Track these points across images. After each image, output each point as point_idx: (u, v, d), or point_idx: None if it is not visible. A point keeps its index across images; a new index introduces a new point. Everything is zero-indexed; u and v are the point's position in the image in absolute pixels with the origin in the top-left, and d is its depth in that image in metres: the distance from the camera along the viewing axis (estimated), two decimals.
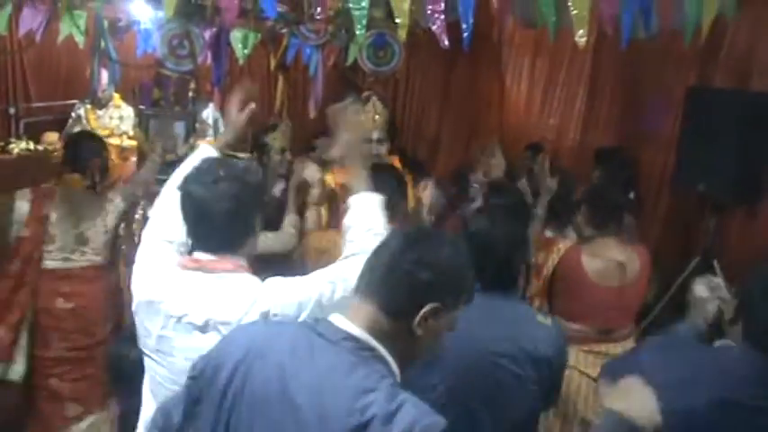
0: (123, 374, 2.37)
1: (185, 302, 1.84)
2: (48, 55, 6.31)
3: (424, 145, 7.13)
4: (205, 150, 2.24)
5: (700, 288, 3.06)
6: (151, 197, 4.67)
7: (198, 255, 1.90)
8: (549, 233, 3.58)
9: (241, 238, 1.92)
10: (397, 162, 3.84)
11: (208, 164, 1.95)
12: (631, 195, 4.50)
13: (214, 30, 4.64)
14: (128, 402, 2.36)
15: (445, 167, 6.53)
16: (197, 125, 5.29)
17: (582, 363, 3.17)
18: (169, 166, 4.84)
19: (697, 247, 4.71)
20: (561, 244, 3.25)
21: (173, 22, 4.05)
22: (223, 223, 1.86)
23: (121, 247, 3.82)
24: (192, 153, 2.25)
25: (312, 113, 5.49)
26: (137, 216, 4.61)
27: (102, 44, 5.22)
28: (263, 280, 1.88)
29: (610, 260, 3.18)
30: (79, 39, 4.32)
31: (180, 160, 2.34)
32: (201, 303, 1.82)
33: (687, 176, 4.61)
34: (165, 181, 2.24)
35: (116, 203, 3.51)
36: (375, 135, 3.67)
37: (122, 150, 5.60)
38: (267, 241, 2.97)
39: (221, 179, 1.85)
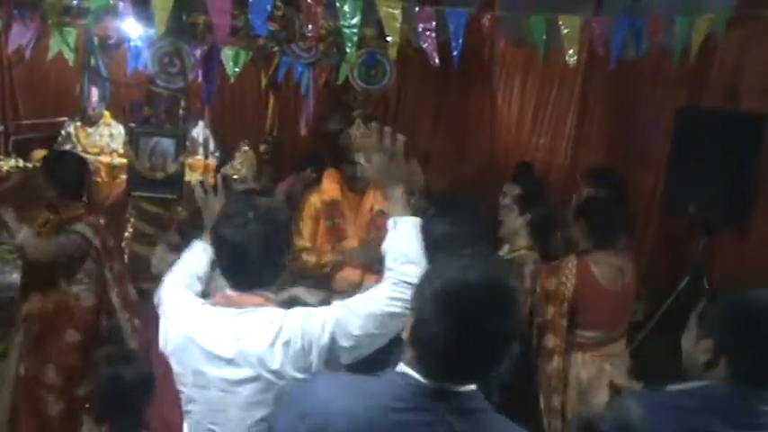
0: (118, 397, 2.36)
1: (216, 337, 1.88)
2: (37, 72, 6.29)
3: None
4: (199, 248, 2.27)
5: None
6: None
7: (229, 292, 1.96)
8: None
9: (272, 275, 1.98)
10: None
11: (237, 206, 2.00)
12: None
13: (205, 48, 4.62)
14: (120, 427, 2.36)
15: (436, 186, 6.52)
16: (187, 143, 5.28)
17: (589, 366, 3.26)
18: (159, 183, 4.86)
19: (687, 266, 4.71)
20: (569, 263, 3.26)
21: (164, 39, 4.04)
22: (255, 263, 1.92)
23: None
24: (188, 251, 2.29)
25: (303, 131, 5.48)
26: (127, 234, 4.60)
27: (93, 61, 5.20)
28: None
29: (612, 265, 3.25)
30: (69, 56, 4.30)
31: (168, 177, 2.37)
32: (231, 337, 1.86)
33: (677, 197, 4.61)
34: (153, 199, 2.27)
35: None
36: (357, 158, 3.70)
37: (112, 168, 5.57)
38: None
39: (251, 221, 1.91)
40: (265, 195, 3.52)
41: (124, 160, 5.50)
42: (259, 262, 1.93)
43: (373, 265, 3.47)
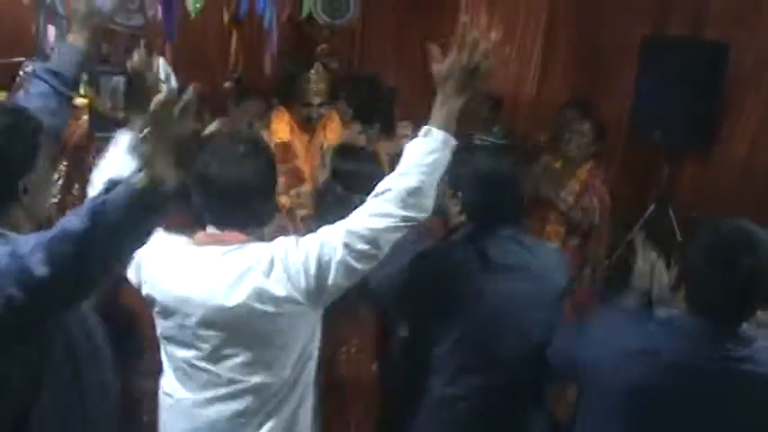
0: None
1: (203, 276, 1.84)
2: None
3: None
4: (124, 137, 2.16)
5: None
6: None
7: (213, 230, 1.90)
8: None
9: (265, 213, 1.94)
10: (336, 115, 3.87)
11: (223, 140, 1.92)
12: None
13: None
14: None
15: (404, 120, 6.49)
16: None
17: None
18: (121, 123, 4.77)
19: (653, 194, 4.79)
20: None
21: None
22: (245, 201, 1.86)
23: None
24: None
25: (267, 69, 5.39)
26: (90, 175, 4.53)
27: None
28: None
29: None
30: None
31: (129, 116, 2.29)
32: (218, 276, 1.83)
33: (643, 124, 4.66)
34: (109, 138, 2.21)
35: None
36: (317, 101, 3.70)
37: (74, 109, 5.45)
38: None
39: (241, 157, 1.84)
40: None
41: (85, 100, 5.39)
42: (250, 200, 1.86)
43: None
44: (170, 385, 1.98)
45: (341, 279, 1.80)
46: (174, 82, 6.00)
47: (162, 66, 5.49)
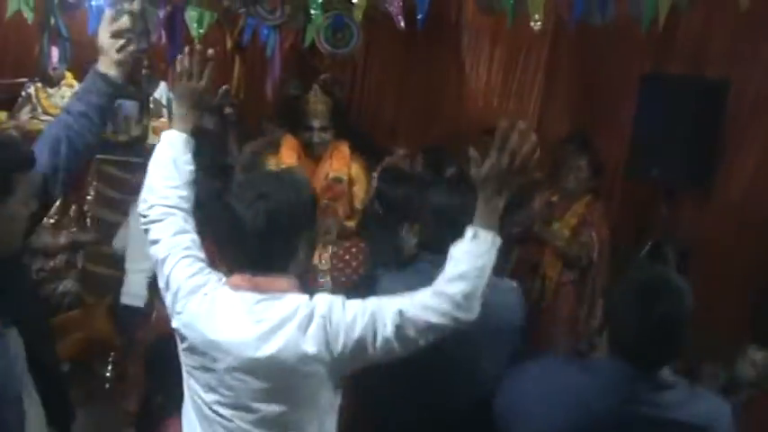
0: None
1: (237, 324, 1.78)
2: None
3: (381, 129, 7.09)
4: (172, 136, 2.02)
5: None
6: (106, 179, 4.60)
7: (248, 274, 1.83)
8: None
9: (298, 257, 1.85)
10: (345, 146, 3.83)
11: (250, 179, 1.88)
12: None
13: (168, 8, 4.54)
14: None
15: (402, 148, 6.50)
16: (150, 105, 5.20)
17: None
18: (122, 146, 4.78)
19: (651, 232, 4.77)
20: None
21: None
22: (279, 243, 1.80)
23: None
24: (160, 141, 2.04)
25: (269, 95, 5.42)
26: (89, 197, 4.53)
27: (53, 21, 5.07)
28: None
29: None
30: (28, 15, 4.20)
31: (132, 140, 2.28)
32: (253, 324, 1.77)
33: (641, 162, 4.66)
34: (117, 162, 2.19)
35: None
36: (317, 123, 3.69)
37: None
38: None
39: (264, 196, 1.78)
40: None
41: None
42: (288, 241, 1.81)
43: (326, 236, 3.49)
44: (188, 421, 1.92)
45: (379, 354, 1.77)
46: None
47: (163, 89, 5.56)
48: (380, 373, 1.89)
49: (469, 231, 1.82)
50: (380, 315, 1.76)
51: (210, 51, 1.98)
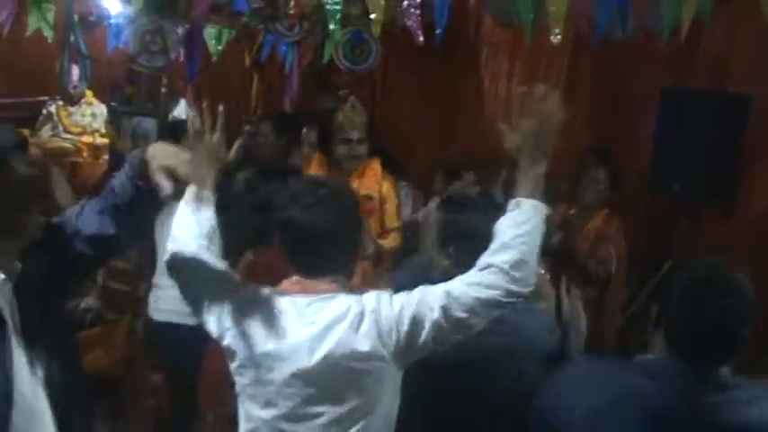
0: None
1: (290, 327, 1.78)
2: (16, 49, 6.18)
3: (398, 146, 7.08)
4: (193, 193, 1.96)
5: None
6: None
7: (298, 277, 1.84)
8: None
9: (347, 259, 1.89)
10: (378, 164, 3.81)
11: (305, 186, 1.89)
12: None
13: (187, 25, 4.56)
14: None
15: (421, 169, 6.49)
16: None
17: None
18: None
19: (673, 247, 4.72)
20: None
21: (144, 16, 3.98)
22: (330, 246, 1.81)
23: None
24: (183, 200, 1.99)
25: (287, 111, 5.44)
26: None
27: (73, 39, 5.13)
28: None
29: None
30: (48, 33, 4.25)
31: None
32: (306, 327, 1.77)
33: (662, 177, 4.61)
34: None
35: None
36: (355, 135, 3.64)
37: (95, 148, 5.51)
38: None
39: (323, 201, 1.80)
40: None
41: (106, 140, 5.45)
42: (338, 245, 1.83)
43: (363, 253, 3.45)
44: None
45: (430, 340, 1.74)
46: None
47: (183, 107, 5.59)
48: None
49: (512, 203, 1.81)
50: (426, 300, 1.75)
51: (221, 108, 1.98)
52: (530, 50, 6.07)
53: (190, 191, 1.96)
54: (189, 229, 1.92)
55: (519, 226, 1.78)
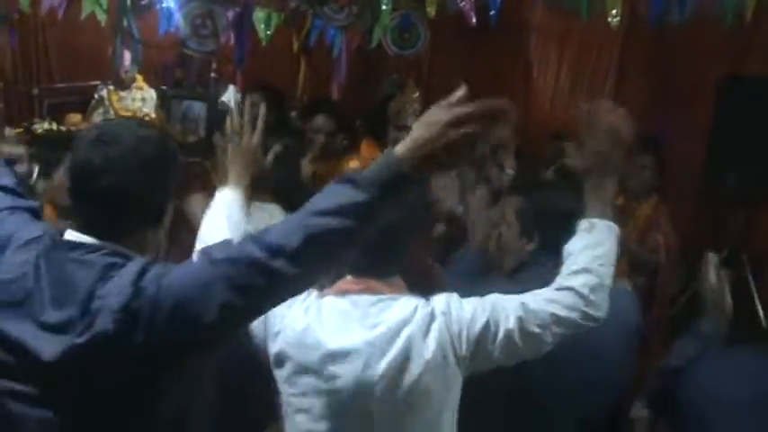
0: None
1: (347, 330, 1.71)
2: (70, 34, 6.26)
3: None
4: (226, 196, 1.93)
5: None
6: None
7: (353, 277, 1.77)
8: None
9: (399, 259, 1.79)
10: None
11: None
12: None
13: (237, 9, 4.57)
14: None
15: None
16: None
17: None
18: (190, 147, 4.82)
19: (726, 239, 4.61)
20: None
21: (195, 0, 4.00)
22: (392, 246, 1.73)
23: None
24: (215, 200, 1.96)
25: (335, 97, 5.42)
26: None
27: (126, 23, 5.17)
28: None
29: None
30: (101, 16, 4.29)
31: (201, 141, 2.24)
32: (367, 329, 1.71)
33: (717, 167, 4.51)
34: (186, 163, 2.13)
35: None
36: (411, 122, 3.60)
37: None
38: None
39: None
40: None
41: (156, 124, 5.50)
42: (399, 245, 1.75)
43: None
44: None
45: (500, 349, 1.68)
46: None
47: (232, 92, 5.61)
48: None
49: (584, 224, 1.77)
50: (502, 307, 1.69)
51: (263, 110, 1.97)
52: (581, 36, 5.98)
53: (223, 194, 1.92)
54: (219, 230, 1.82)
55: (594, 248, 1.74)
